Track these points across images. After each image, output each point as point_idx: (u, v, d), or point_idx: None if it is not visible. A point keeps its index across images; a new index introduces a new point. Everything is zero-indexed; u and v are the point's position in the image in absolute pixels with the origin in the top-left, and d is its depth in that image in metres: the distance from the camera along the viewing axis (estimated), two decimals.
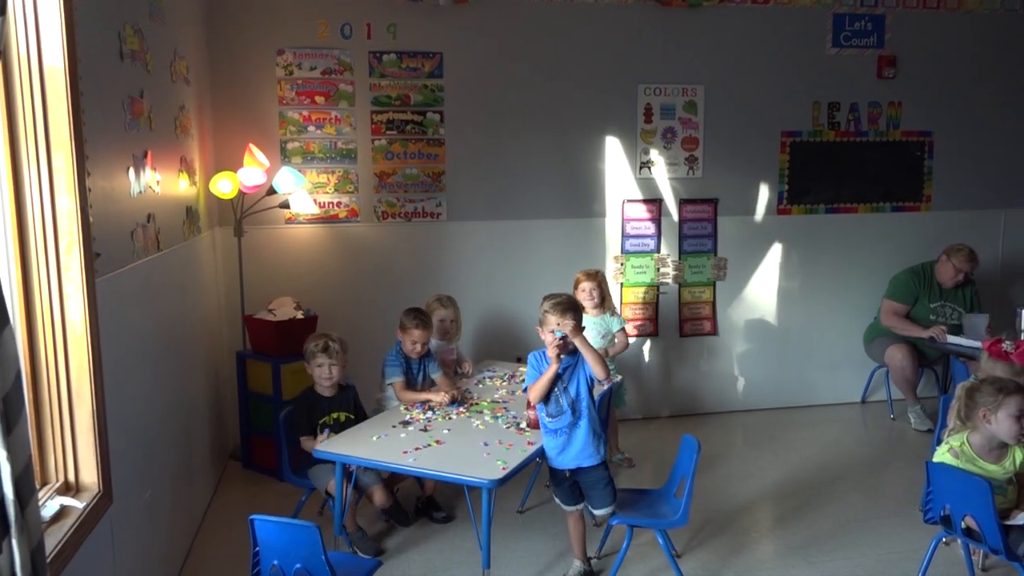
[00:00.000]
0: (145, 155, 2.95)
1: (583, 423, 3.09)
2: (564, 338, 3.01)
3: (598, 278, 4.42)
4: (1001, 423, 2.77)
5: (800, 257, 5.49)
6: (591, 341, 4.21)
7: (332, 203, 4.85)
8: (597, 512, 3.20)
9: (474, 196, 5.02)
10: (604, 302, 4.41)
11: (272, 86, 4.70)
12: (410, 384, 3.85)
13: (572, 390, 3.10)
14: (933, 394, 5.44)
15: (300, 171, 4.62)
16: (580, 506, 3.21)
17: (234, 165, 4.42)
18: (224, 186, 4.24)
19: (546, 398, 3.10)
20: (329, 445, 3.26)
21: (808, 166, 5.40)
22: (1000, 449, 2.83)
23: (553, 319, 3.05)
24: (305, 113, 4.75)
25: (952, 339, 4.86)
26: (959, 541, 3.11)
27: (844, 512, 3.94)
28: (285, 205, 4.59)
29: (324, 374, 3.61)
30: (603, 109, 5.10)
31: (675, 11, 5.08)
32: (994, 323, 4.80)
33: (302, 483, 3.59)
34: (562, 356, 3.04)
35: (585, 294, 4.32)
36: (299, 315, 4.39)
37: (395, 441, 3.27)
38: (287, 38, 4.69)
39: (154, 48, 3.13)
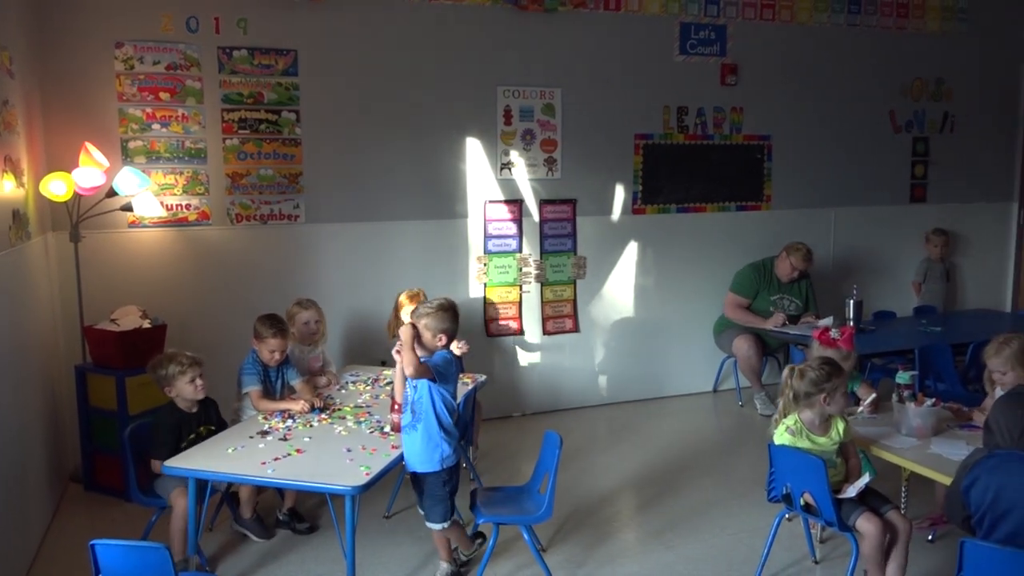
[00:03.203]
0: None
1: (420, 427, 3.03)
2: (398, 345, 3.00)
3: (420, 298, 4.34)
4: (837, 401, 3.01)
5: (654, 255, 5.72)
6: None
7: (181, 205, 4.61)
8: (427, 524, 3.15)
9: (334, 198, 4.91)
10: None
11: (110, 81, 4.41)
12: (268, 393, 3.71)
13: (415, 390, 3.05)
14: (776, 381, 5.80)
15: (144, 171, 4.35)
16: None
17: (69, 165, 4.10)
18: (57, 188, 3.93)
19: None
20: (181, 460, 3.09)
21: (660, 168, 5.65)
22: (826, 422, 3.08)
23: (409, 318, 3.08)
24: (148, 110, 4.49)
25: (791, 329, 5.21)
26: (800, 516, 3.34)
27: (698, 496, 4.14)
28: (128, 208, 4.32)
29: (198, 387, 3.43)
30: (463, 110, 5.12)
31: (531, 15, 5.18)
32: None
33: (151, 502, 3.38)
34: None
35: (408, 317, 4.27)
36: (145, 324, 4.14)
37: (253, 452, 3.14)
38: (126, 30, 4.41)
39: None
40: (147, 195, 4.34)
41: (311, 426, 3.43)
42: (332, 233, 4.93)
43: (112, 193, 4.21)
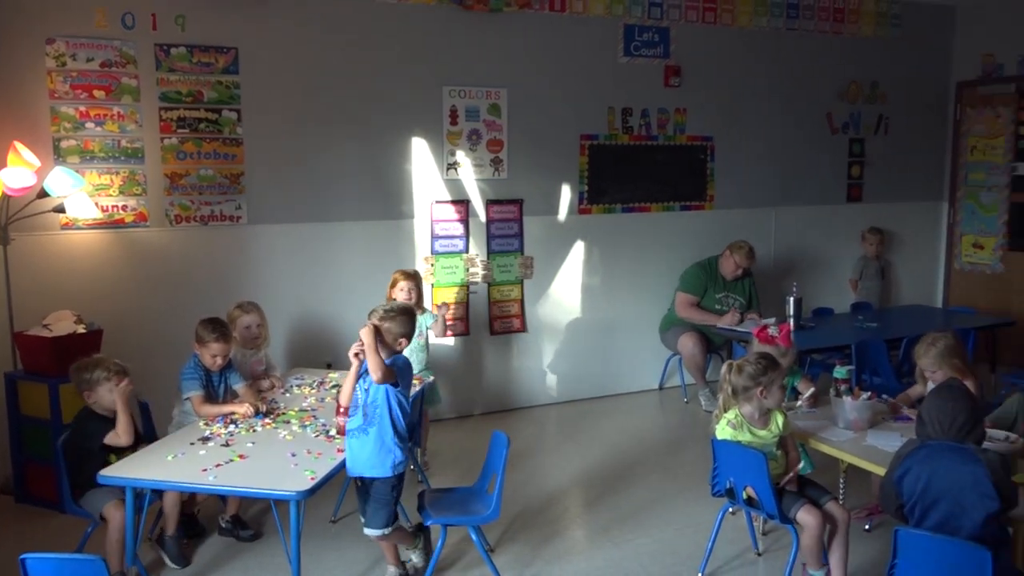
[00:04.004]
0: None
1: (372, 431, 2.98)
2: (360, 346, 2.94)
3: (416, 279, 4.43)
4: (773, 395, 3.08)
5: (601, 254, 5.77)
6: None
7: (117, 206, 4.48)
8: (365, 530, 3.09)
9: (277, 198, 4.83)
10: (420, 302, 4.42)
11: (41, 78, 4.26)
12: (210, 397, 3.63)
13: (369, 393, 3.00)
14: (720, 377, 5.92)
15: (77, 172, 4.22)
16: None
17: None
18: None
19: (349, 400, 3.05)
20: (116, 469, 3.00)
21: (605, 168, 5.70)
22: (766, 415, 3.15)
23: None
24: (82, 108, 4.35)
25: (737, 326, 5.31)
26: (743, 510, 3.41)
27: (645, 492, 4.19)
28: (60, 209, 4.18)
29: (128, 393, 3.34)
30: (409, 110, 5.09)
31: (477, 15, 5.17)
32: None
33: (87, 513, 3.28)
34: (362, 357, 2.96)
35: (404, 293, 4.31)
36: (80, 329, 4.01)
37: (193, 459, 3.06)
38: (58, 25, 4.27)
39: None
40: (81, 196, 4.21)
41: (254, 431, 3.36)
42: (275, 234, 4.85)
43: (43, 194, 4.07)
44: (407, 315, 3.04)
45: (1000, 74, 6.60)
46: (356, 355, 2.95)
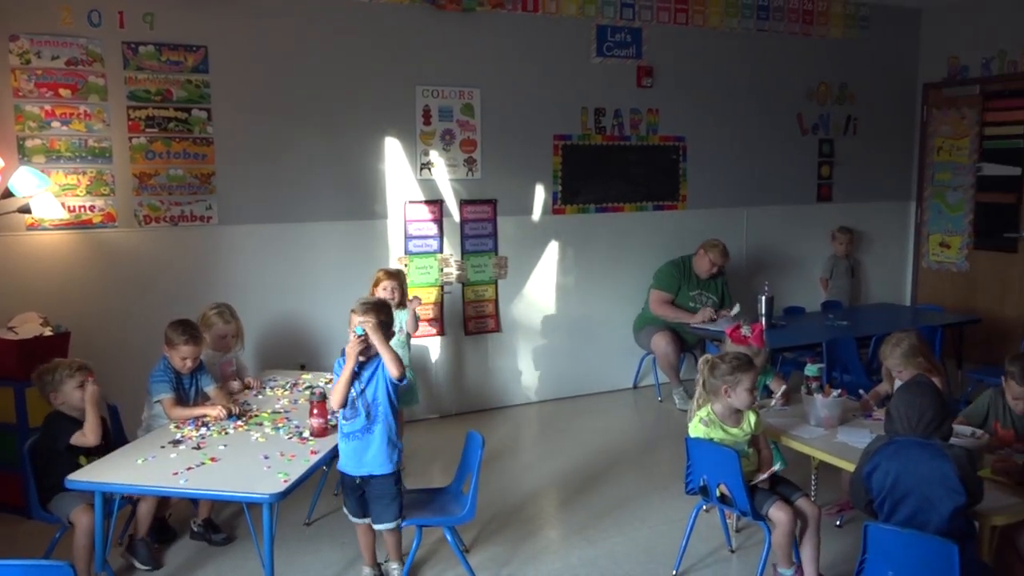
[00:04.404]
0: None
1: (377, 429, 3.04)
2: (364, 335, 2.95)
3: (399, 277, 4.41)
4: (739, 396, 3.10)
5: (574, 254, 5.79)
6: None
7: (84, 207, 4.41)
8: (377, 527, 3.14)
9: (248, 198, 4.78)
10: (403, 300, 4.39)
11: (5, 76, 4.18)
12: (181, 400, 3.58)
13: (369, 394, 3.03)
14: (694, 376, 5.96)
15: (43, 171, 4.14)
16: (368, 520, 3.16)
17: None
18: None
19: (345, 400, 3.03)
20: (85, 473, 2.96)
21: (579, 168, 5.72)
22: (738, 414, 3.18)
23: (356, 318, 3.01)
24: (48, 107, 4.28)
25: (710, 325, 5.34)
26: (716, 507, 3.44)
27: (620, 491, 4.21)
28: (26, 210, 4.10)
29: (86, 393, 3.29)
30: (382, 110, 5.07)
31: (449, 14, 5.16)
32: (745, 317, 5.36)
33: (55, 518, 3.22)
34: (360, 356, 2.98)
35: (386, 292, 4.28)
36: (47, 332, 3.94)
37: (164, 462, 3.02)
38: (22, 23, 4.20)
39: None
40: (47, 196, 4.13)
41: (226, 434, 3.33)
42: (247, 235, 4.80)
43: (8, 194, 3.99)
44: (387, 307, 3.14)
45: (965, 76, 6.72)
46: (357, 355, 2.95)
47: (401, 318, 4.33)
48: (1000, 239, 6.49)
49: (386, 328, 3.07)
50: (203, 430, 3.35)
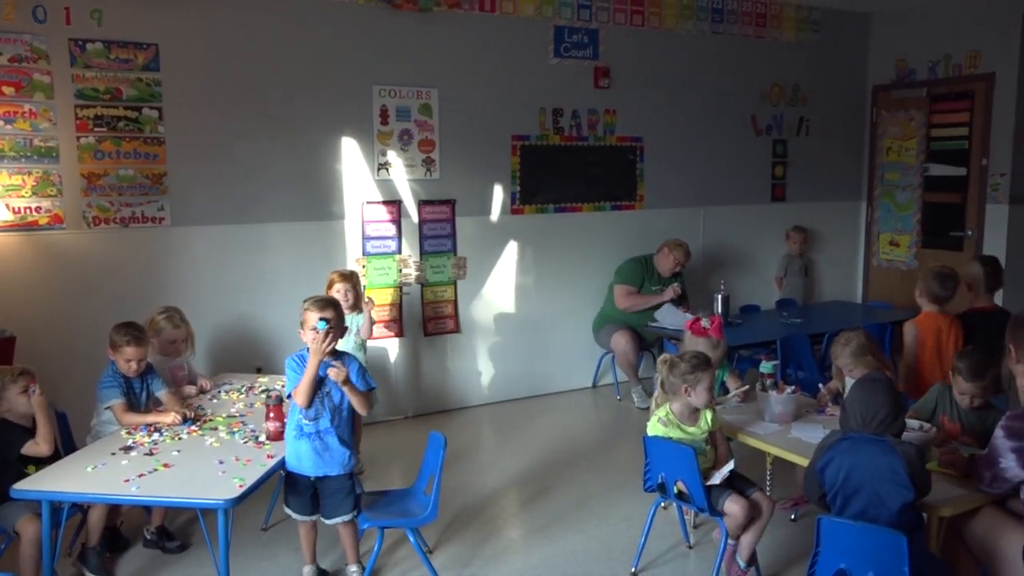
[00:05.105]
0: None
1: (341, 430, 3.05)
2: (328, 329, 2.93)
3: (352, 279, 4.36)
4: (699, 394, 3.14)
5: (534, 254, 5.80)
6: (342, 342, 4.14)
7: (30, 208, 4.29)
8: (329, 521, 3.14)
9: (202, 199, 4.70)
10: (357, 302, 4.35)
11: None
12: (132, 405, 3.49)
13: (336, 395, 3.04)
14: (652, 374, 6.02)
15: None
16: (315, 516, 3.16)
17: None
18: None
19: (311, 400, 3.00)
20: (31, 482, 2.88)
21: (537, 168, 5.73)
22: (695, 413, 3.22)
23: (314, 316, 2.97)
24: None
25: (667, 324, 5.39)
26: (674, 504, 3.47)
27: (580, 490, 4.23)
28: None
29: (31, 398, 3.19)
30: (339, 109, 5.02)
31: (406, 14, 5.13)
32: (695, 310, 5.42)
33: (1, 529, 3.12)
34: (326, 353, 2.96)
35: (340, 295, 4.23)
36: None
37: (115, 469, 2.95)
38: None
39: None
40: None
41: (180, 439, 3.26)
42: (200, 236, 4.72)
43: None
44: (339, 305, 3.14)
45: (912, 79, 6.89)
46: (323, 351, 2.96)
47: (356, 322, 4.30)
48: (947, 238, 6.67)
49: (340, 326, 3.06)
50: (155, 436, 3.28)
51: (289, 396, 3.09)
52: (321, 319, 2.95)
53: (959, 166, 6.59)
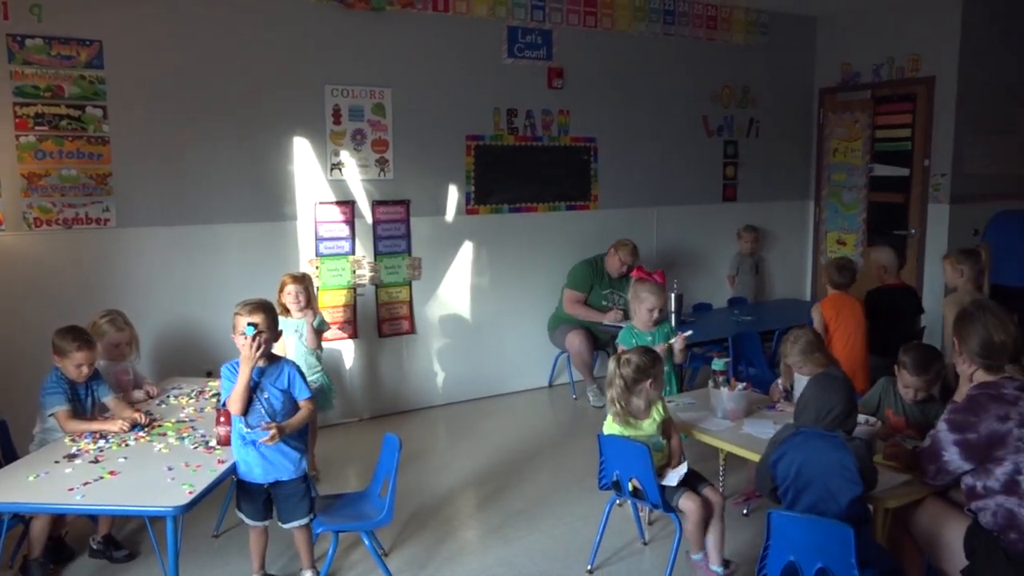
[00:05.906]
0: None
1: (291, 435, 3.01)
2: (256, 334, 2.87)
3: (305, 281, 4.28)
4: (648, 390, 3.17)
5: (489, 254, 5.80)
6: (291, 343, 4.08)
7: None
8: (286, 526, 3.10)
9: (150, 200, 4.60)
10: (309, 304, 4.28)
11: None
12: (77, 412, 3.39)
13: (276, 400, 2.99)
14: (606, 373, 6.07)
15: None
16: (268, 522, 3.12)
17: None
18: None
19: (247, 407, 2.94)
20: None
21: (492, 168, 5.73)
22: (648, 408, 3.24)
23: (243, 320, 2.92)
24: None
25: (623, 323, 5.43)
26: (629, 502, 3.50)
27: (536, 489, 4.24)
28: None
29: None
30: (290, 109, 4.95)
31: (358, 14, 5.09)
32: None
33: None
34: (257, 359, 2.90)
35: (291, 297, 4.17)
36: None
37: (58, 478, 2.86)
38: None
39: None
40: None
41: (127, 445, 3.18)
42: (147, 237, 4.61)
43: None
44: (273, 307, 3.09)
45: (857, 82, 7.07)
46: (255, 356, 2.91)
47: (301, 325, 4.22)
48: (891, 236, 6.85)
49: (273, 330, 3.00)
50: (101, 443, 3.19)
51: (223, 405, 3.04)
52: (249, 324, 2.89)
53: (902, 167, 6.78)
